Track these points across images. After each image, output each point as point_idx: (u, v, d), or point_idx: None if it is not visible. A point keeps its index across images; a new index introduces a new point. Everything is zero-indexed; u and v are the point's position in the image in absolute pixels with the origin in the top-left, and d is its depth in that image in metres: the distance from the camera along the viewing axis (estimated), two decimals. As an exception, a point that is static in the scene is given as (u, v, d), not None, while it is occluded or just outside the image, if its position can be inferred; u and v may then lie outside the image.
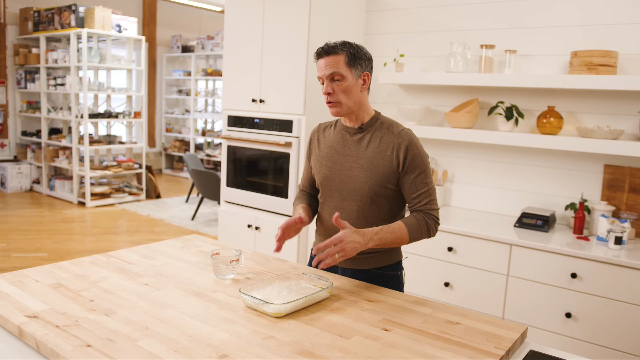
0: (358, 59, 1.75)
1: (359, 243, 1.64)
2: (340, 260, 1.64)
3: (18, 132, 7.77)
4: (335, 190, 1.87)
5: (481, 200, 3.40)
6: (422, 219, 1.77)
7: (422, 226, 1.76)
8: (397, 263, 1.93)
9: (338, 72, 1.73)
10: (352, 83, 1.75)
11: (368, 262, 1.88)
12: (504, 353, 1.32)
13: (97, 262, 1.87)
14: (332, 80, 1.74)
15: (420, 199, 1.78)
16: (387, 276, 1.90)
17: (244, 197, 3.76)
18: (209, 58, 9.57)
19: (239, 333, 1.35)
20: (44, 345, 1.25)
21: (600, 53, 2.74)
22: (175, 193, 8.10)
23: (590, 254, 2.53)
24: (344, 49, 1.73)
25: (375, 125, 1.84)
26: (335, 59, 1.73)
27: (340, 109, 1.78)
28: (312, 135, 2.00)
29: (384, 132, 1.81)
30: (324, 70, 1.74)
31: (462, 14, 3.36)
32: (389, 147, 1.78)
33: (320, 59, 1.77)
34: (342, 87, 1.74)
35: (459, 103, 3.41)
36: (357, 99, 1.79)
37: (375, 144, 1.81)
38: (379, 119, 1.85)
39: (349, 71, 1.74)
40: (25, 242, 5.07)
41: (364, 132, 1.84)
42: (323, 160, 1.90)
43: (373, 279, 1.88)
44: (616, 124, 2.90)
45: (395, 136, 1.79)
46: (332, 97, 1.76)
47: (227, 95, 3.81)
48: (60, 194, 7.21)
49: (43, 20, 7.19)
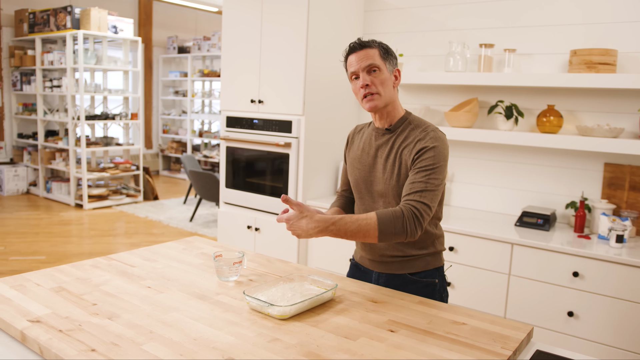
0: (390, 55, 1.74)
1: (304, 231, 1.58)
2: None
3: (14, 134, 7.73)
4: (366, 192, 1.83)
5: (482, 200, 3.39)
6: (398, 210, 1.59)
7: (395, 219, 1.58)
8: (434, 270, 1.83)
9: (375, 64, 1.69)
10: (388, 76, 1.73)
11: (402, 266, 1.80)
12: (511, 353, 1.31)
13: (98, 265, 1.86)
14: (369, 72, 1.70)
15: (412, 187, 1.64)
16: (421, 283, 1.81)
17: (244, 198, 3.74)
18: (206, 59, 9.55)
19: (244, 336, 1.34)
20: (47, 350, 1.24)
21: (600, 51, 2.74)
22: (173, 194, 8.07)
23: (592, 253, 2.52)
24: (376, 44, 1.72)
25: (403, 126, 1.78)
26: (369, 52, 1.70)
27: (379, 102, 1.72)
28: (349, 137, 1.97)
29: (409, 133, 1.75)
30: (359, 63, 1.70)
31: (461, 13, 3.36)
32: (410, 145, 1.72)
33: (352, 55, 1.73)
34: (380, 79, 1.70)
35: (458, 102, 3.40)
36: (391, 95, 1.75)
37: (401, 146, 1.74)
38: (407, 119, 1.79)
39: (384, 64, 1.71)
40: (22, 245, 5.05)
41: (392, 133, 1.78)
42: (354, 162, 1.88)
43: (407, 285, 1.80)
44: (616, 122, 2.90)
45: (418, 135, 1.72)
46: (371, 89, 1.70)
47: (226, 96, 3.79)
48: (57, 196, 7.17)
49: (38, 22, 7.15)
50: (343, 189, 2.03)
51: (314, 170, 3.51)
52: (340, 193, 2.04)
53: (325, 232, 1.58)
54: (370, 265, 1.88)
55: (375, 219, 1.58)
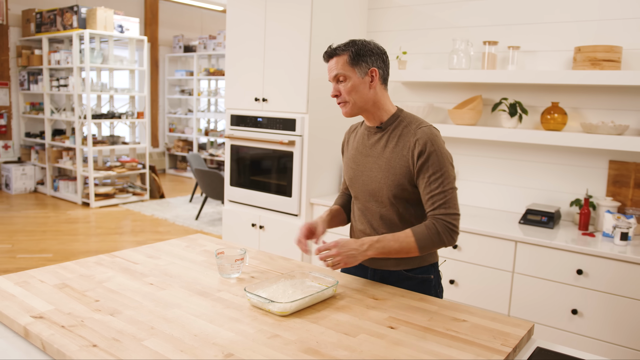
0: (362, 57, 1.71)
1: (356, 250, 1.63)
2: (336, 269, 1.63)
3: (22, 133, 7.80)
4: (360, 192, 1.84)
5: (485, 197, 3.39)
6: (432, 226, 1.66)
7: (432, 235, 1.66)
8: (429, 266, 1.84)
9: (341, 73, 1.71)
10: (358, 82, 1.72)
11: (398, 262, 1.81)
12: (510, 350, 1.31)
13: (101, 262, 1.87)
14: (337, 81, 1.74)
15: (434, 200, 1.68)
16: (417, 279, 1.82)
17: (248, 196, 3.76)
18: (211, 58, 9.57)
19: (245, 332, 1.35)
20: (50, 345, 1.25)
21: (604, 48, 2.72)
22: (179, 193, 8.11)
23: (596, 250, 2.51)
24: (346, 49, 1.71)
25: (394, 124, 1.77)
26: (337, 61, 1.72)
27: (348, 109, 1.75)
28: (345, 137, 1.99)
29: (403, 131, 1.74)
30: (330, 73, 1.75)
31: (465, 11, 3.35)
32: (406, 145, 1.71)
33: (327, 62, 1.77)
34: (346, 88, 1.72)
35: (462, 100, 3.40)
36: (368, 97, 1.74)
37: (394, 143, 1.74)
38: (399, 117, 1.78)
39: (352, 70, 1.71)
40: (30, 243, 5.09)
41: (383, 132, 1.78)
42: (349, 161, 1.89)
43: (403, 281, 1.81)
44: (621, 120, 2.89)
45: (412, 134, 1.71)
46: (340, 98, 1.75)
47: (230, 95, 3.80)
48: (64, 194, 7.22)
49: (45, 22, 7.20)
50: (344, 188, 2.06)
51: (317, 168, 3.52)
52: (342, 192, 2.07)
53: (370, 251, 1.65)
54: (366, 262, 1.87)
55: (413, 240, 1.66)
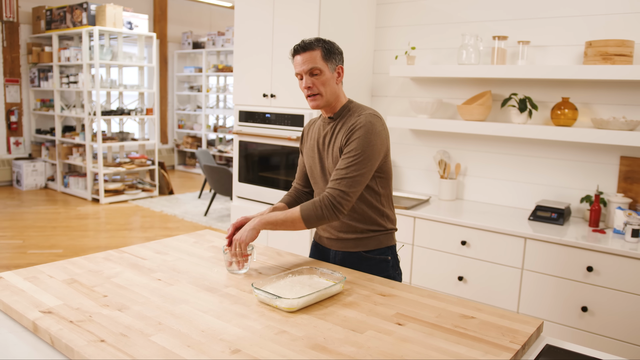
0: (332, 54, 1.85)
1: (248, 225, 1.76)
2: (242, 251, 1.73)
3: (32, 130, 7.85)
4: (319, 178, 1.96)
5: (495, 194, 3.36)
6: (318, 201, 1.77)
7: (316, 208, 1.76)
8: (386, 248, 1.97)
9: (316, 67, 1.82)
10: (329, 76, 1.84)
11: (356, 244, 1.93)
12: (519, 347, 1.30)
13: (110, 258, 1.88)
14: (311, 75, 1.83)
15: (335, 175, 1.78)
16: (375, 260, 1.94)
17: (256, 192, 3.76)
18: (220, 54, 9.58)
19: (252, 328, 1.35)
20: (58, 340, 1.26)
21: (616, 42, 2.69)
22: (188, 189, 8.14)
23: (607, 247, 2.49)
24: (319, 45, 1.83)
25: (343, 113, 1.90)
26: (312, 55, 1.82)
27: (320, 101, 1.85)
28: (304, 130, 2.10)
29: (348, 119, 1.87)
30: (302, 66, 1.83)
31: (474, 5, 3.32)
32: (347, 130, 1.83)
33: (297, 56, 1.85)
34: (321, 80, 1.83)
35: (471, 95, 3.37)
36: (334, 91, 1.87)
37: (341, 131, 1.86)
38: (347, 107, 1.91)
39: (325, 65, 1.83)
40: (40, 238, 5.13)
41: (335, 121, 1.91)
42: (308, 152, 2.01)
43: (362, 262, 1.93)
44: (632, 115, 2.85)
45: (354, 119, 1.83)
46: (313, 90, 1.84)
47: (238, 90, 3.80)
48: (74, 191, 7.27)
49: (55, 19, 7.24)
50: (297, 182, 2.14)
51: (326, 164, 3.51)
52: (293, 187, 2.15)
53: (260, 225, 1.77)
54: (328, 244, 2.01)
55: (298, 213, 1.77)
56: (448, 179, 3.43)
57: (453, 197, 3.45)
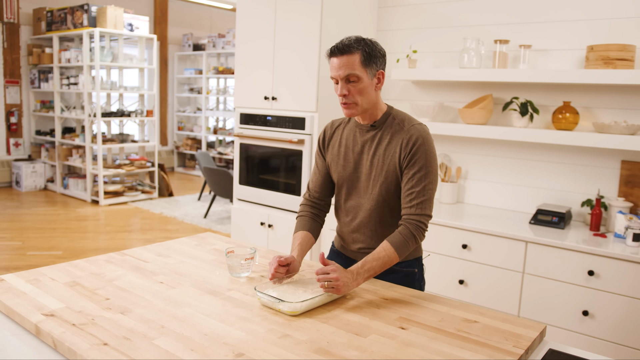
0: (373, 58, 1.68)
1: (349, 280, 1.57)
2: (328, 292, 1.54)
3: (32, 131, 7.85)
4: (352, 189, 1.85)
5: (496, 197, 3.36)
6: (406, 231, 1.68)
7: (408, 239, 1.67)
8: (413, 260, 1.89)
9: (354, 74, 1.66)
10: (368, 83, 1.69)
11: None
12: (523, 352, 1.30)
13: (112, 261, 1.88)
14: (347, 81, 1.67)
15: (412, 197, 1.69)
16: (402, 272, 1.86)
17: (257, 195, 3.76)
18: (220, 56, 9.58)
19: (255, 331, 1.35)
20: (61, 343, 1.26)
21: (617, 47, 2.69)
22: (188, 191, 8.13)
23: (608, 251, 2.49)
24: (359, 48, 1.66)
25: (387, 122, 1.79)
26: (350, 59, 1.65)
27: (355, 110, 1.72)
28: (325, 134, 1.93)
29: (396, 129, 1.76)
30: (338, 71, 1.67)
31: (476, 9, 3.33)
32: (398, 143, 1.73)
33: (333, 58, 1.68)
34: (358, 88, 1.68)
35: (472, 99, 3.37)
36: (372, 99, 1.73)
37: (387, 141, 1.76)
38: (391, 115, 1.80)
39: (364, 71, 1.67)
40: (40, 240, 5.12)
41: (377, 130, 1.79)
42: (338, 159, 1.87)
43: (388, 274, 1.84)
44: (634, 119, 2.85)
45: (405, 132, 1.73)
46: (348, 99, 1.69)
47: (239, 92, 3.80)
48: (74, 192, 7.26)
49: (56, 20, 7.24)
50: (314, 191, 1.95)
51: (327, 167, 3.50)
52: (308, 199, 1.96)
53: (359, 278, 1.61)
54: (352, 255, 1.92)
55: (393, 252, 1.66)
56: (449, 182, 3.43)
57: (454, 201, 3.45)
